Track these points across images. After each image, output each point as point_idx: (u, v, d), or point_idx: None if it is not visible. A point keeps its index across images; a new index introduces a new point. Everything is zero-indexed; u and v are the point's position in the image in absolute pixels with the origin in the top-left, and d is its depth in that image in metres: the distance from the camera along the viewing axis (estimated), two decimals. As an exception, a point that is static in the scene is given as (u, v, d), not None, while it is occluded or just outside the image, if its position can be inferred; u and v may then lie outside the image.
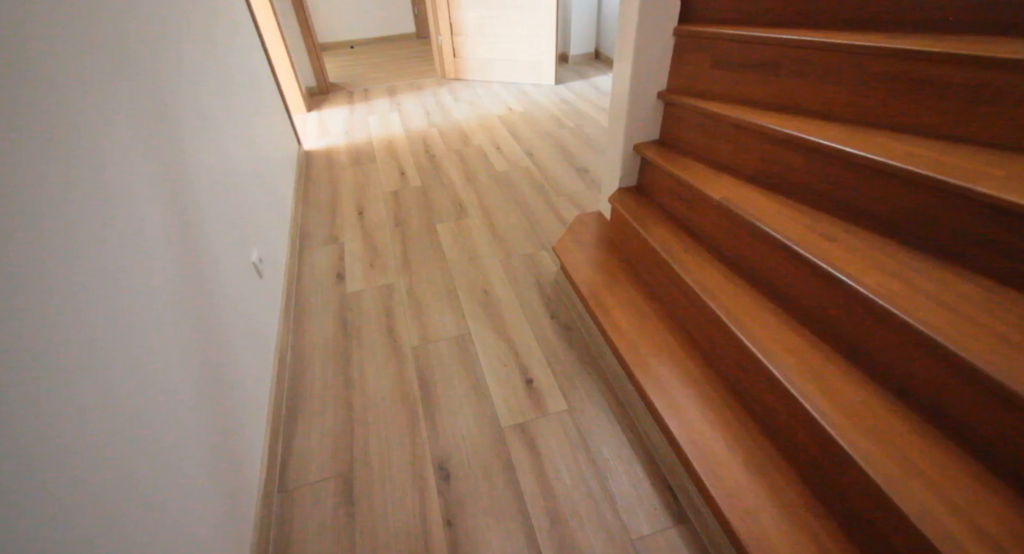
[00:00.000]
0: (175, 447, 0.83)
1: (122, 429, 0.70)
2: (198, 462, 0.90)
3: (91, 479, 0.62)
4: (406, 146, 2.97)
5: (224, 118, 1.56)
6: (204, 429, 0.95)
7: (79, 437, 0.61)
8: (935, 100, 1.04)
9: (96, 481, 0.62)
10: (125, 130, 0.92)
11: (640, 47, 1.41)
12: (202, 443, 0.93)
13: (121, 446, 0.69)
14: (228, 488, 1.00)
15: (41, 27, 0.73)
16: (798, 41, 1.18)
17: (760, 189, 1.30)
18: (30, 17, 0.71)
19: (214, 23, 1.71)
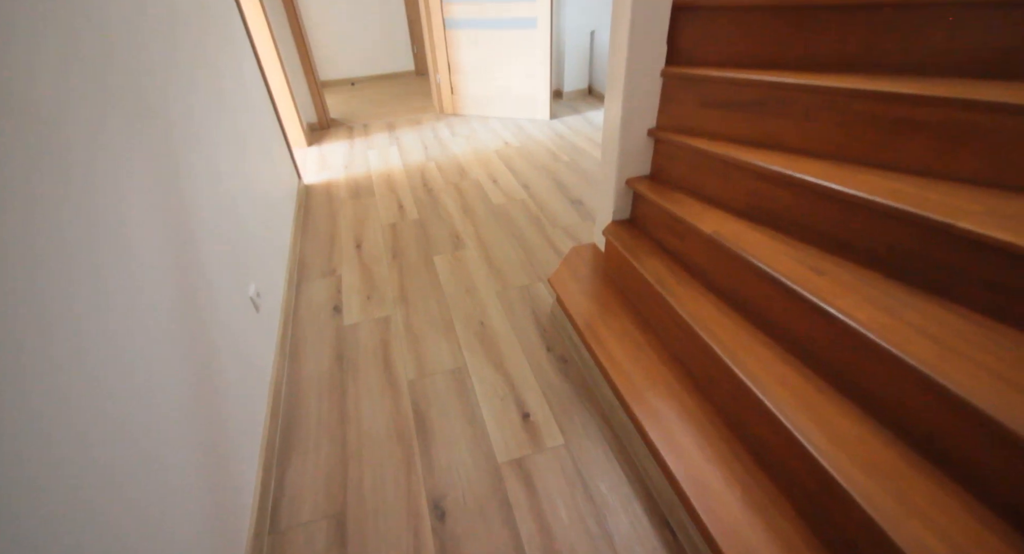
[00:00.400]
0: (163, 484, 0.82)
1: (100, 472, 0.70)
2: (187, 499, 0.89)
3: (62, 512, 0.61)
4: (404, 180, 3.03)
5: (226, 154, 1.60)
6: (195, 466, 0.94)
7: (53, 471, 0.61)
8: (915, 139, 1.08)
9: (65, 514, 0.62)
10: (129, 167, 0.94)
11: (629, 87, 1.46)
12: (193, 480, 0.92)
13: (94, 488, 0.68)
14: (218, 528, 0.98)
15: (53, 76, 0.76)
16: (780, 83, 1.23)
17: (750, 223, 1.33)
18: (41, 59, 0.74)
19: (219, 62, 1.78)
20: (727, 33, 1.38)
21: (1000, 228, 0.88)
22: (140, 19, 1.16)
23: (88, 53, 0.89)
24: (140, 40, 1.13)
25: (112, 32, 1.00)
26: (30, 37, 0.72)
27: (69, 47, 0.83)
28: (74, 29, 0.86)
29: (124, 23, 1.07)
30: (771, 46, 1.33)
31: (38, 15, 0.76)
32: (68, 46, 0.82)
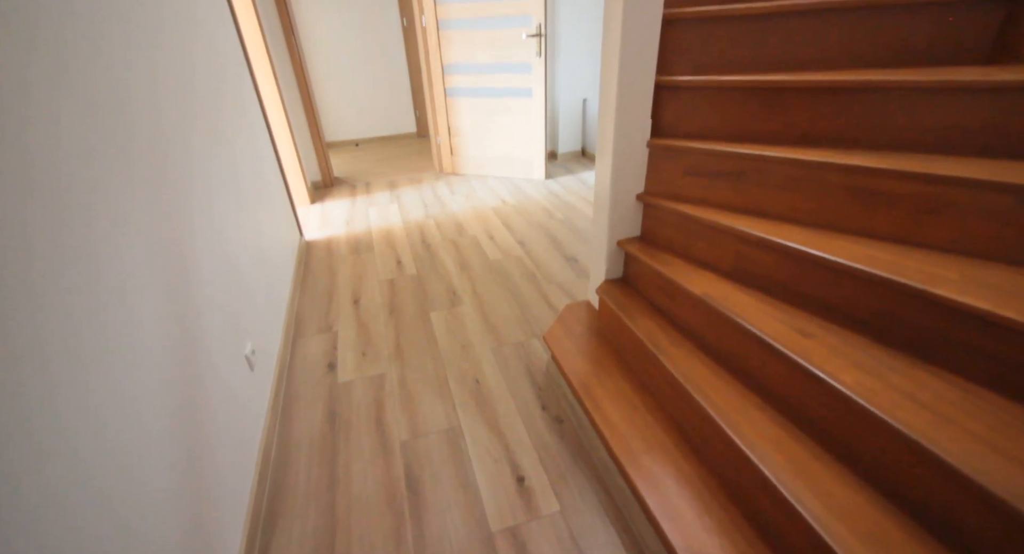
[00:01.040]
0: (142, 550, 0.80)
1: (79, 529, 0.68)
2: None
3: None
4: (403, 236, 3.11)
5: (232, 214, 1.66)
6: (178, 533, 0.91)
7: (29, 530, 0.59)
8: (888, 209, 1.15)
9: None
10: (132, 225, 0.98)
11: (618, 157, 1.55)
12: (174, 549, 0.89)
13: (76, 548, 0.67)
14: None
15: (79, 153, 0.81)
16: (757, 156, 1.31)
17: (737, 285, 1.37)
18: (33, 114, 0.79)
19: (232, 128, 1.88)
20: (706, 109, 1.48)
21: (976, 296, 0.91)
22: (159, 91, 1.25)
23: (107, 121, 0.95)
24: (158, 112, 1.21)
25: (133, 108, 1.08)
26: (52, 113, 0.78)
27: (91, 124, 0.89)
28: (96, 104, 0.93)
29: (145, 97, 1.15)
30: (747, 121, 1.43)
31: (63, 94, 0.82)
32: (90, 122, 0.89)
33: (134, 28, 1.16)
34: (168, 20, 1.41)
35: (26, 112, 0.70)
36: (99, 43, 0.97)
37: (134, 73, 1.10)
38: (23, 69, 0.71)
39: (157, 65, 1.25)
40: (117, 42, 1.05)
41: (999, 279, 0.96)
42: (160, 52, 1.29)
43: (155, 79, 1.22)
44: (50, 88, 0.77)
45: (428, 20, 3.57)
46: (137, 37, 1.16)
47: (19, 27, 0.72)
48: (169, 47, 1.37)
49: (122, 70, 1.05)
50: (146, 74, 1.17)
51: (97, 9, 0.99)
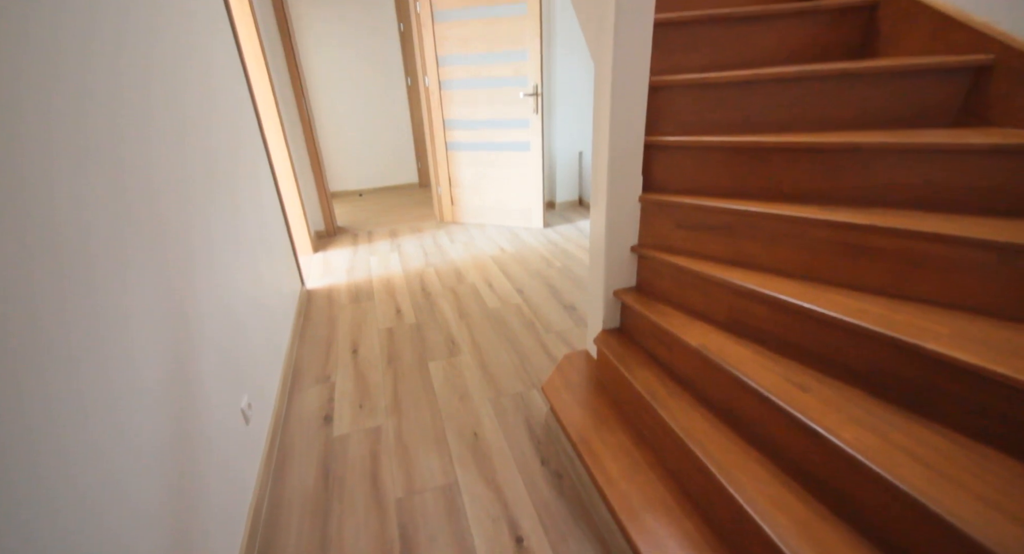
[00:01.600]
0: (126, 637, 0.76)
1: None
2: (147, 654, 0.81)
3: None
4: (403, 284, 3.14)
5: (235, 264, 1.69)
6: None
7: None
8: (874, 263, 1.18)
9: None
10: (132, 277, 1.01)
11: (611, 210, 1.60)
12: (156, 629, 0.85)
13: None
14: None
15: (101, 204, 0.85)
16: (744, 211, 1.36)
17: (733, 336, 1.38)
18: (29, 155, 0.83)
19: (239, 179, 1.95)
20: (694, 167, 1.55)
21: (968, 351, 0.92)
22: (177, 149, 1.31)
23: (103, 170, 1.00)
24: (170, 167, 1.27)
25: (132, 162, 1.13)
26: (49, 158, 0.82)
27: (117, 178, 0.94)
28: (119, 159, 0.98)
29: (162, 154, 1.21)
30: (734, 178, 1.49)
31: (84, 153, 0.87)
32: (116, 177, 0.93)
33: (145, 76, 1.23)
34: (179, 73, 1.50)
35: (21, 160, 0.75)
36: (105, 90, 1.03)
37: (148, 129, 1.17)
38: (46, 131, 0.76)
39: (167, 121, 1.32)
40: (126, 91, 1.12)
41: (989, 334, 0.98)
42: (171, 109, 1.37)
43: (181, 141, 1.29)
44: (57, 141, 0.82)
45: (431, 81, 3.77)
46: (146, 86, 1.24)
47: (39, 92, 0.78)
48: (179, 103, 1.45)
49: (131, 124, 1.11)
50: (166, 133, 1.24)
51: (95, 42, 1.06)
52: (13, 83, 0.72)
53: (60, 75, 0.84)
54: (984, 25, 1.29)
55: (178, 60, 1.47)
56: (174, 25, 1.49)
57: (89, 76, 0.93)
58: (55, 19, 0.86)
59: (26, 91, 0.74)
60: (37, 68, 0.78)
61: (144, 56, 1.22)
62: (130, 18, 1.18)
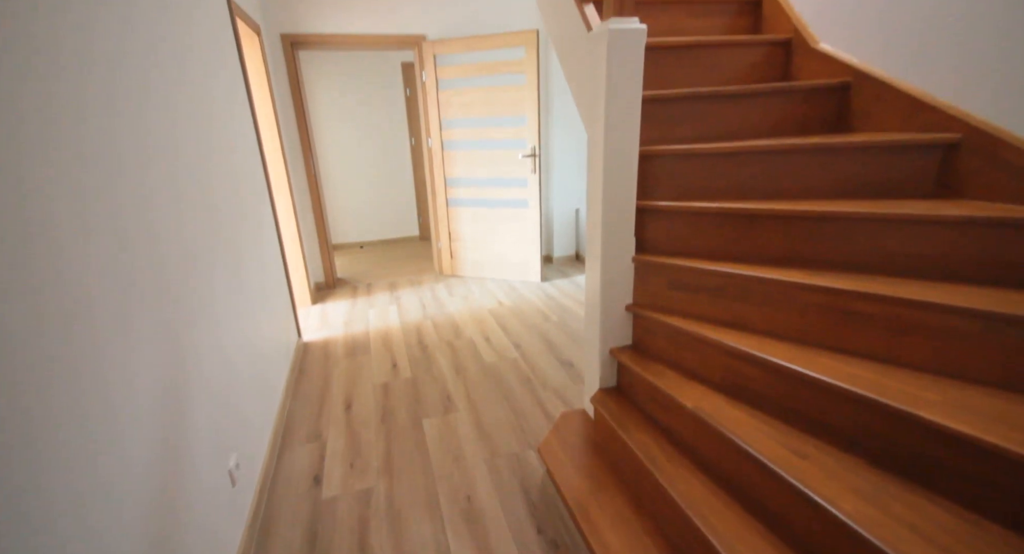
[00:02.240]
0: None
1: None
2: None
3: None
4: (400, 338, 3.14)
5: (233, 318, 1.70)
6: None
7: None
8: (862, 328, 1.20)
9: None
10: (136, 335, 1.02)
11: (605, 270, 1.64)
12: None
13: None
14: None
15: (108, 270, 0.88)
16: (735, 274, 1.40)
17: (729, 399, 1.38)
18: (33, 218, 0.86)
19: (243, 235, 2.00)
20: (686, 230, 1.60)
21: (960, 420, 0.93)
22: (178, 202, 1.36)
23: (102, 222, 1.03)
24: (181, 225, 1.31)
25: (132, 216, 1.17)
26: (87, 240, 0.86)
27: (124, 245, 0.97)
28: (124, 228, 1.02)
29: (167, 208, 1.26)
30: (724, 242, 1.54)
31: (95, 219, 0.91)
32: (122, 243, 0.97)
33: (169, 139, 1.30)
34: (193, 124, 1.58)
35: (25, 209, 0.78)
36: (114, 149, 1.09)
37: (158, 194, 1.22)
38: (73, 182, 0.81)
39: (176, 175, 1.38)
40: (135, 147, 1.18)
41: (980, 402, 0.98)
42: (188, 170, 1.44)
43: (191, 200, 1.34)
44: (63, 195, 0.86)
45: (434, 142, 3.95)
46: (157, 143, 1.31)
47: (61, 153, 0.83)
48: (194, 161, 1.52)
49: (135, 179, 1.16)
50: (177, 194, 1.29)
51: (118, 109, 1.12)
52: (44, 157, 0.77)
53: (86, 155, 0.90)
54: (949, 106, 1.39)
55: (197, 123, 1.56)
56: (195, 85, 1.60)
57: (118, 140, 1.00)
58: (80, 92, 0.93)
59: (57, 162, 0.80)
60: (66, 139, 0.84)
61: (168, 120, 1.30)
62: (152, 74, 1.27)
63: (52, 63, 0.84)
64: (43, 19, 0.84)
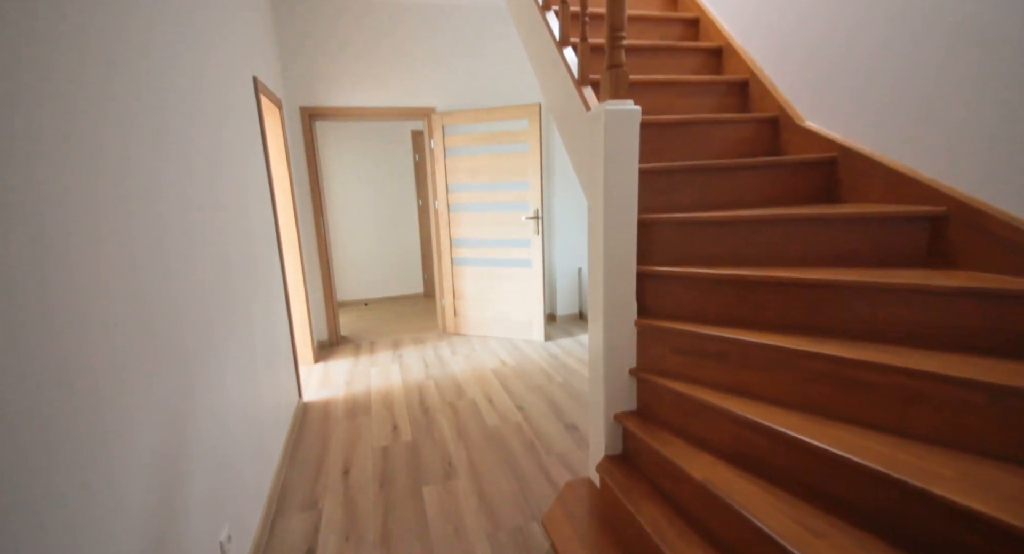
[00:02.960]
0: None
1: None
2: None
3: None
4: (402, 398, 3.09)
5: (236, 379, 1.70)
6: None
7: None
8: (869, 397, 1.19)
9: None
10: (138, 393, 1.02)
11: (608, 333, 1.65)
12: None
13: None
14: None
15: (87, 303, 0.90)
16: (735, 339, 1.41)
17: (738, 470, 1.34)
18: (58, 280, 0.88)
19: (251, 290, 2.04)
20: (686, 295, 1.63)
21: (976, 498, 0.90)
22: (191, 265, 1.40)
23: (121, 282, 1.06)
24: (194, 285, 1.35)
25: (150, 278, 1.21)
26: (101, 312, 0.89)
27: (140, 314, 1.00)
28: (143, 294, 1.05)
29: (183, 273, 1.30)
30: (724, 307, 1.56)
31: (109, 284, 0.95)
32: (139, 313, 1.00)
33: (182, 206, 1.37)
34: (213, 187, 1.66)
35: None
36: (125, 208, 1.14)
37: (174, 256, 1.27)
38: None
39: (193, 237, 1.44)
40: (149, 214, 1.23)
41: (995, 478, 0.96)
42: (203, 231, 1.50)
43: (201, 263, 1.39)
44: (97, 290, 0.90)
45: (440, 204, 4.10)
46: (172, 205, 1.37)
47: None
48: (209, 224, 1.58)
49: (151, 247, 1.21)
50: (191, 256, 1.34)
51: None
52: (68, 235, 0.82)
53: (100, 207, 0.96)
54: (933, 181, 1.46)
55: (217, 186, 1.64)
56: (220, 153, 1.70)
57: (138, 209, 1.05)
58: (125, 160, 1.00)
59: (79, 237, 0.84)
60: (109, 209, 0.90)
61: (189, 184, 1.37)
62: (183, 147, 1.35)
63: (99, 132, 0.91)
64: (93, 84, 0.92)
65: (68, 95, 0.86)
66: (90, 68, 0.94)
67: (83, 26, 0.93)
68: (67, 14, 0.88)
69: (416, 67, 3.89)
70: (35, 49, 0.79)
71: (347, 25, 3.69)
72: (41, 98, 0.79)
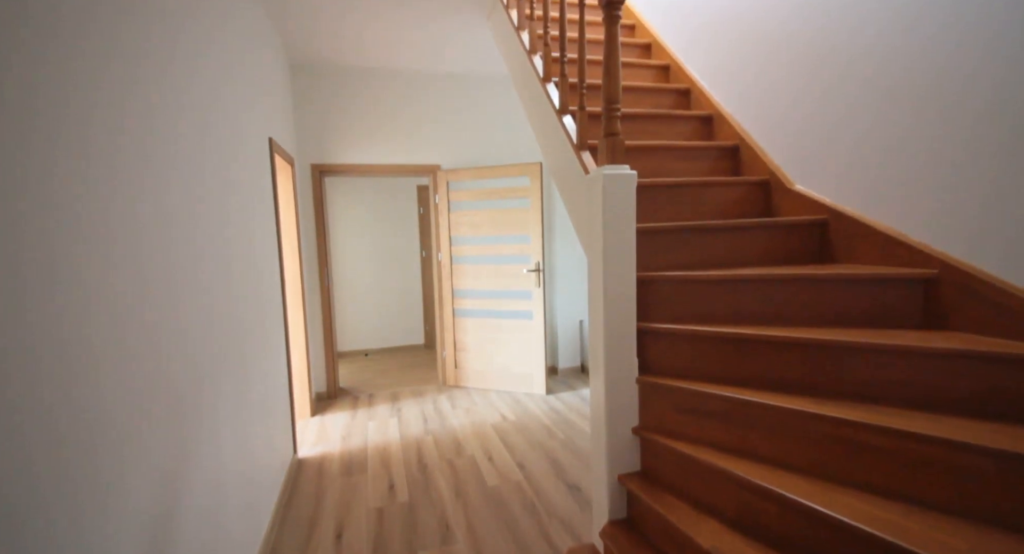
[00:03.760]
0: None
1: None
2: None
3: None
4: (399, 454, 3.01)
5: (231, 436, 1.67)
6: None
7: None
8: (876, 462, 1.17)
9: None
10: (138, 454, 1.01)
11: (610, 391, 1.64)
12: None
13: None
14: None
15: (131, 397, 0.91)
16: (738, 399, 1.40)
17: (746, 538, 1.29)
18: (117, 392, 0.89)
19: (254, 345, 2.04)
20: (687, 352, 1.64)
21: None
22: (201, 326, 1.42)
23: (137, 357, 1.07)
24: (204, 338, 1.36)
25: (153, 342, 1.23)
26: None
27: (153, 376, 1.01)
28: (157, 349, 1.06)
29: (174, 334, 1.31)
30: (725, 365, 1.57)
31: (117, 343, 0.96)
32: (154, 375, 1.01)
33: (193, 263, 1.40)
34: (224, 243, 1.70)
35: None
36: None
37: (184, 311, 1.29)
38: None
39: (208, 296, 1.46)
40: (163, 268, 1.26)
41: (1011, 551, 0.93)
42: (213, 284, 1.53)
43: (213, 319, 1.42)
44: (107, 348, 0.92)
45: (443, 256, 4.18)
46: (193, 266, 1.40)
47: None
48: (216, 277, 1.62)
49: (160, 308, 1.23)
50: (201, 311, 1.36)
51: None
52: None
53: (116, 261, 0.99)
54: (922, 245, 1.51)
55: (229, 242, 1.70)
56: (235, 209, 1.76)
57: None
58: (160, 210, 1.05)
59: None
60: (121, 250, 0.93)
61: (205, 239, 1.42)
62: (200, 206, 1.41)
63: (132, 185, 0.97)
64: (132, 151, 0.98)
65: (134, 170, 0.92)
66: (136, 138, 1.01)
67: (147, 111, 1.01)
68: (156, 103, 0.96)
69: (423, 127, 4.09)
70: (100, 135, 0.86)
71: (359, 89, 3.92)
72: (91, 160, 0.85)
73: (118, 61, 1.01)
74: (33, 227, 0.74)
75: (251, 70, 2.30)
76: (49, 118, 0.79)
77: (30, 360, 0.71)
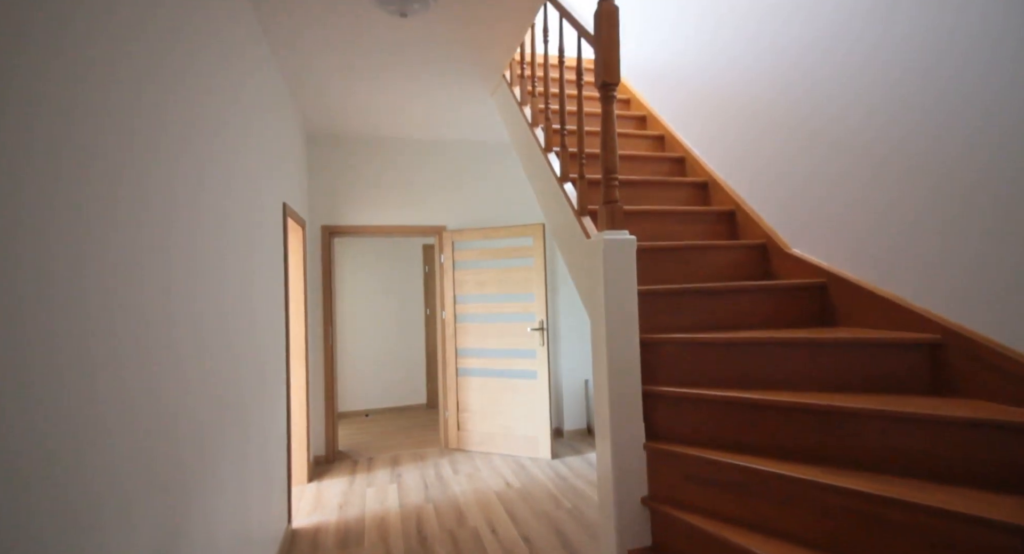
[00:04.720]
0: None
1: None
2: None
3: None
4: (398, 525, 2.86)
5: (227, 507, 1.61)
6: None
7: None
8: (895, 539, 1.12)
9: None
10: (137, 521, 0.97)
11: (617, 457, 1.60)
12: None
13: None
14: None
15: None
16: (750, 468, 1.36)
17: (768, 625, 1.21)
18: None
19: (255, 408, 2.01)
20: (694, 416, 1.61)
21: None
22: (198, 393, 1.42)
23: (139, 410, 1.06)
24: (209, 403, 1.35)
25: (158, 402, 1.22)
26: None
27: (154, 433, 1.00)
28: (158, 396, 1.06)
29: (180, 393, 1.31)
30: (734, 431, 1.53)
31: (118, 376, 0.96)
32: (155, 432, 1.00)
33: (196, 321, 1.42)
34: (232, 310, 1.72)
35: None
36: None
37: (188, 370, 1.29)
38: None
39: (210, 358, 1.47)
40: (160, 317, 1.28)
41: (1051, 642, 0.87)
42: (216, 342, 1.53)
43: (215, 382, 1.42)
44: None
45: (447, 314, 4.20)
46: (195, 325, 1.41)
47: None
48: (220, 336, 1.63)
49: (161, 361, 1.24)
50: (208, 372, 1.37)
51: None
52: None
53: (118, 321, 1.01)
54: (924, 310, 1.52)
55: (234, 305, 1.73)
56: (253, 273, 1.81)
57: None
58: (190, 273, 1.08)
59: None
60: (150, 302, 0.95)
61: (219, 300, 1.45)
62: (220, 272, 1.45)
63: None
64: (155, 217, 1.03)
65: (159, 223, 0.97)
66: (160, 205, 1.07)
67: (168, 178, 1.09)
68: (181, 170, 1.03)
69: (429, 190, 4.26)
70: (127, 192, 0.92)
71: (369, 156, 4.14)
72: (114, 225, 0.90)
73: (140, 138, 1.09)
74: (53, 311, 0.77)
75: (270, 142, 2.45)
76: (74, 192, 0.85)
77: (34, 435, 0.72)
